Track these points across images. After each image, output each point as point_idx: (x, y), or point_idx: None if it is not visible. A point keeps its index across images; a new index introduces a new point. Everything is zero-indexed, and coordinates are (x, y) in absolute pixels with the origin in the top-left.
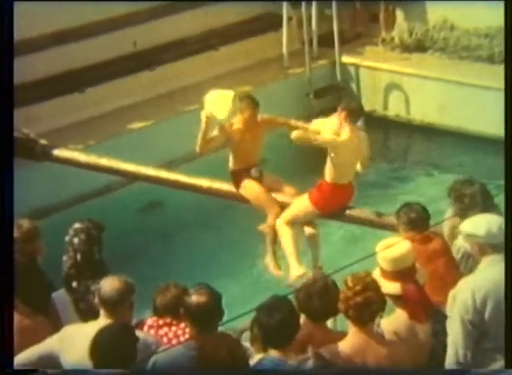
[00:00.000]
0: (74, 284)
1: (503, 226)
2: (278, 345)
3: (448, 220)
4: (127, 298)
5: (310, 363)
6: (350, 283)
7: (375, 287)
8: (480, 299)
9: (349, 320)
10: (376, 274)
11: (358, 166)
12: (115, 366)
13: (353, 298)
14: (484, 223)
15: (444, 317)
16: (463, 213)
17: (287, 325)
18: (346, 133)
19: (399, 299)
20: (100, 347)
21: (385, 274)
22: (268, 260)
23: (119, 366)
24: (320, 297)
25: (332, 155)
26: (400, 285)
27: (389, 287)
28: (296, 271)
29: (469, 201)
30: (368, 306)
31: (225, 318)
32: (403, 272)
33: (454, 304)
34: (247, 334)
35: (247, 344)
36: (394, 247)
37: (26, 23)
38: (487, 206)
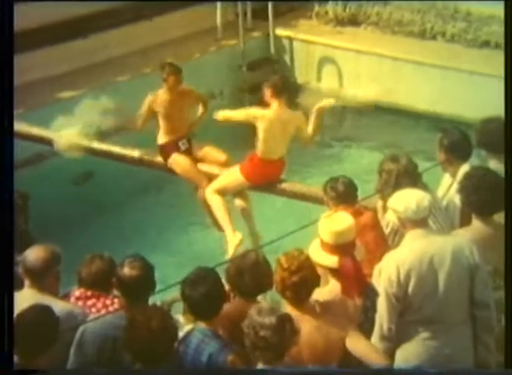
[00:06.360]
0: None
1: (427, 203)
2: (204, 317)
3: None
4: (52, 268)
5: None
6: (284, 264)
7: (310, 265)
8: (404, 273)
9: (285, 300)
10: (315, 245)
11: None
12: (37, 349)
13: (289, 278)
14: (404, 199)
15: (376, 294)
16: (382, 189)
17: (212, 297)
18: (272, 109)
19: (334, 272)
20: (19, 332)
21: (325, 246)
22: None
23: (40, 348)
24: (251, 273)
25: (260, 130)
26: (338, 259)
27: (327, 259)
28: (234, 240)
29: (386, 177)
30: (304, 285)
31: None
32: (343, 246)
33: (379, 278)
34: (177, 306)
35: (177, 315)
36: (338, 221)
37: None
38: (410, 183)
